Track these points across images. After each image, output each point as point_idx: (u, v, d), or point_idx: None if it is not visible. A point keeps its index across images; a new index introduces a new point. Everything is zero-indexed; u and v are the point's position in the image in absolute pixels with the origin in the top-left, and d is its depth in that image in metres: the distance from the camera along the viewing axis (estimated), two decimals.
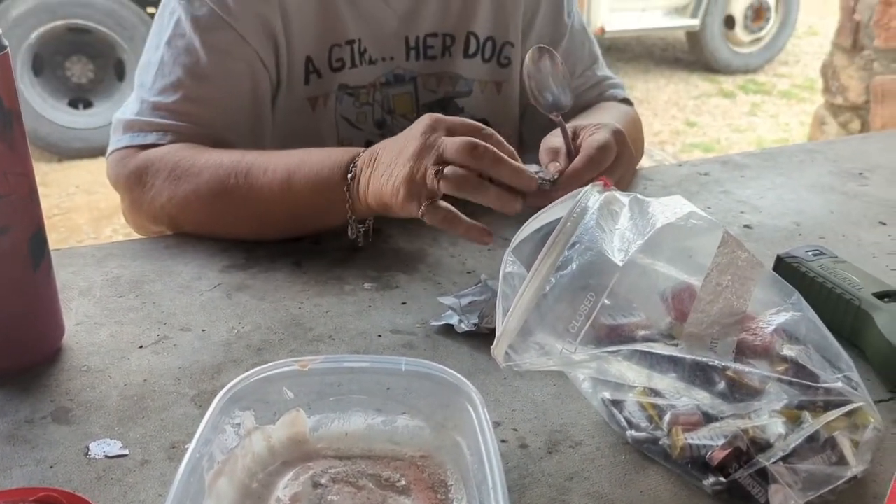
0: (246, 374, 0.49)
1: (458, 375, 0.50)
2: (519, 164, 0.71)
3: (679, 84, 5.16)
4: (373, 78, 0.93)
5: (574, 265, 0.54)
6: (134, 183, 0.81)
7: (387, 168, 0.72)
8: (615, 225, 0.59)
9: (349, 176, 0.74)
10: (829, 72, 2.62)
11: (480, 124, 0.73)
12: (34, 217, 0.57)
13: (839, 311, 0.63)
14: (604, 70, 1.05)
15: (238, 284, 0.73)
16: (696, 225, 0.58)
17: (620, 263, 0.54)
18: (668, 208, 0.60)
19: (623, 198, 0.62)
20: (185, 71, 0.82)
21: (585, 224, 0.57)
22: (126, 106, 0.85)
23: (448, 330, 0.66)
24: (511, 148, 0.72)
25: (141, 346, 0.63)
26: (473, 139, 0.69)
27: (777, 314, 0.56)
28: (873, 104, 2.45)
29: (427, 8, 0.94)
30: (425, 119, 0.72)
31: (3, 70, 0.51)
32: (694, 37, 5.25)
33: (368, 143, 0.94)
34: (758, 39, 5.35)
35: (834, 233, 0.86)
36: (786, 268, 0.70)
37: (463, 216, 0.71)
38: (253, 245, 0.79)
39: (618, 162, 0.84)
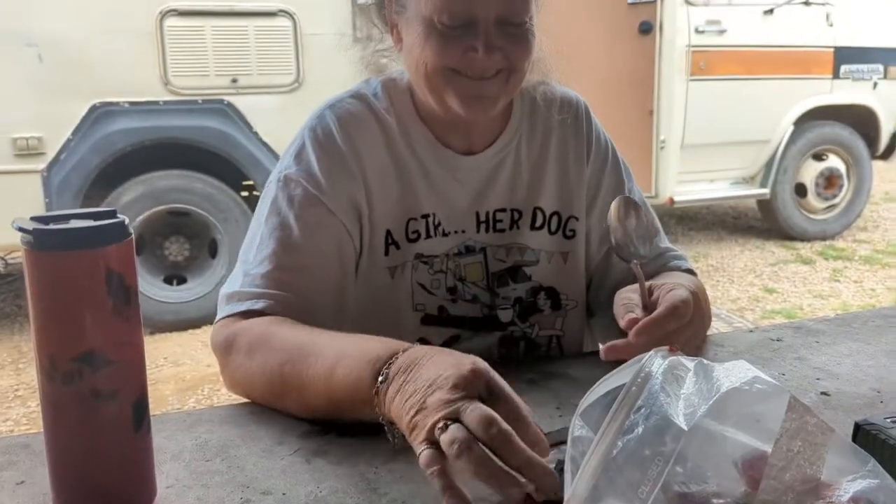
0: None
1: None
2: (535, 457, 0.61)
3: (754, 251, 5.15)
4: (446, 248, 1.00)
5: (640, 429, 0.56)
6: (223, 352, 0.88)
7: (412, 396, 0.67)
8: (680, 390, 0.60)
9: (380, 379, 0.71)
10: None
11: (520, 409, 0.65)
12: (139, 383, 0.62)
13: None
14: (665, 242, 1.10)
15: (316, 449, 0.76)
16: (762, 389, 0.59)
17: (686, 428, 0.56)
18: (732, 373, 0.61)
19: (688, 363, 0.64)
20: (278, 243, 0.91)
21: (651, 388, 0.59)
22: (229, 281, 0.94)
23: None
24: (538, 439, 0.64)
25: None
26: (495, 417, 0.62)
27: (853, 481, 0.55)
28: None
29: (496, 186, 1.02)
30: (469, 368, 0.66)
31: (127, 253, 0.59)
32: (766, 204, 5.29)
33: (441, 309, 1.00)
34: (832, 206, 5.34)
35: None
36: (864, 436, 0.69)
37: (449, 479, 0.61)
38: None
39: (690, 323, 0.86)
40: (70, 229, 0.58)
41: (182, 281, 3.95)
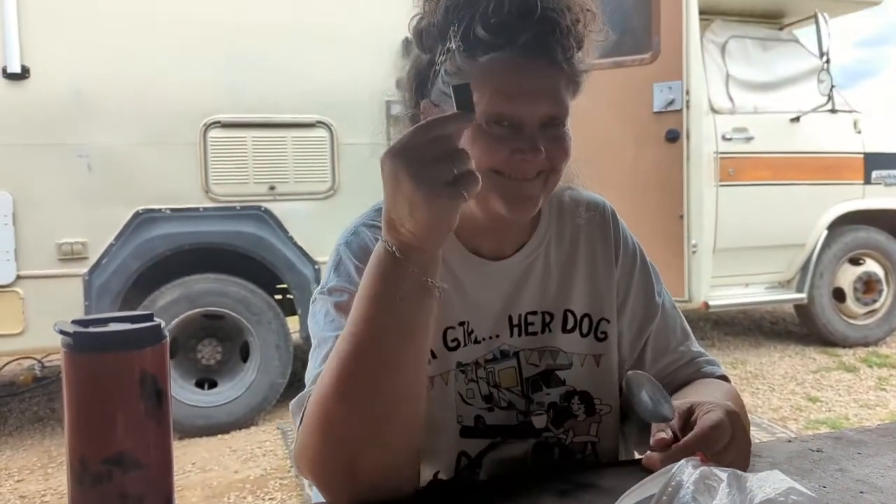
0: None
1: None
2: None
3: (794, 357, 5.02)
4: (480, 355, 1.00)
5: None
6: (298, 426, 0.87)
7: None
8: (712, 501, 0.59)
9: (387, 247, 0.79)
10: None
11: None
12: (167, 487, 0.62)
13: None
14: (696, 346, 1.09)
15: None
16: (797, 501, 0.57)
17: None
18: (766, 483, 0.60)
19: (721, 473, 0.62)
20: (335, 338, 0.89)
21: (681, 499, 0.58)
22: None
23: None
24: None
25: None
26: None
27: None
28: None
29: (527, 289, 1.03)
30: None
31: (161, 356, 0.60)
32: (804, 309, 5.20)
33: (478, 419, 0.98)
34: (873, 311, 5.23)
35: None
36: None
37: None
38: None
39: (732, 443, 0.84)
40: (108, 332, 0.60)
41: (213, 385, 3.95)
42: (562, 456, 1.03)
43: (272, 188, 3.89)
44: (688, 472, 0.60)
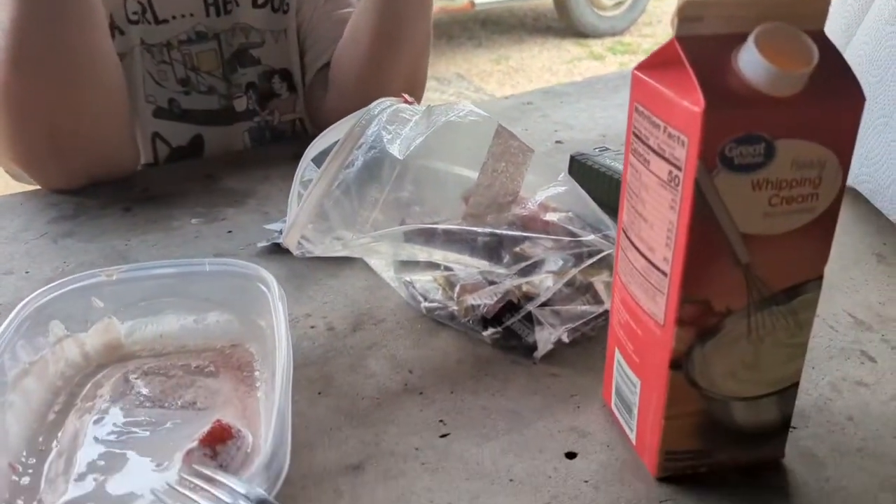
0: (49, 286, 0.52)
1: (255, 265, 0.54)
2: None
3: (552, 50, 5.32)
4: (171, 35, 0.92)
5: (359, 162, 0.60)
6: None
7: None
8: (403, 129, 0.65)
9: None
10: None
11: None
12: None
13: (611, 189, 0.72)
14: None
15: (65, 232, 0.75)
16: (474, 121, 0.64)
17: (401, 157, 0.60)
18: (452, 111, 0.66)
19: (417, 108, 0.67)
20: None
21: (373, 128, 0.63)
22: None
23: (273, 249, 0.71)
24: None
25: None
26: None
27: (546, 190, 0.63)
28: None
29: None
30: None
31: None
32: (561, 4, 5.43)
33: (172, 101, 0.95)
34: (620, 3, 5.58)
35: None
36: (576, 164, 0.78)
37: None
38: (83, 197, 0.81)
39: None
40: None
41: None
42: (273, 138, 1.03)
43: None
44: (383, 105, 0.65)
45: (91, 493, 0.43)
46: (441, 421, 0.48)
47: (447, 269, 0.61)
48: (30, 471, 0.44)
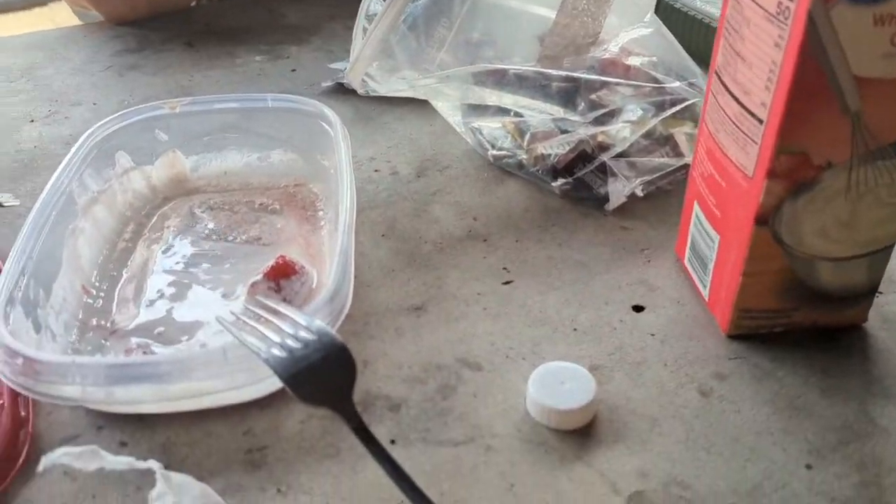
0: (112, 116, 0.52)
1: (319, 103, 0.52)
2: None
3: None
4: None
5: None
6: None
7: None
8: None
9: None
10: None
11: None
12: None
13: (702, 35, 0.66)
14: None
15: (130, 65, 0.74)
16: None
17: None
18: None
19: None
20: None
21: None
22: None
23: (338, 89, 0.68)
24: None
25: (32, 120, 0.65)
26: None
27: (629, 32, 0.58)
28: None
29: None
30: None
31: None
32: None
33: None
34: None
35: None
36: (665, 6, 0.72)
37: None
38: (146, 31, 0.79)
39: None
40: None
41: None
42: None
43: None
44: None
45: (161, 318, 0.44)
46: (504, 268, 0.47)
47: (517, 115, 0.58)
48: (102, 294, 0.45)
